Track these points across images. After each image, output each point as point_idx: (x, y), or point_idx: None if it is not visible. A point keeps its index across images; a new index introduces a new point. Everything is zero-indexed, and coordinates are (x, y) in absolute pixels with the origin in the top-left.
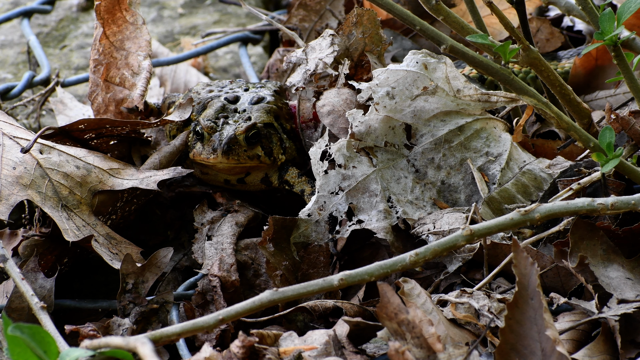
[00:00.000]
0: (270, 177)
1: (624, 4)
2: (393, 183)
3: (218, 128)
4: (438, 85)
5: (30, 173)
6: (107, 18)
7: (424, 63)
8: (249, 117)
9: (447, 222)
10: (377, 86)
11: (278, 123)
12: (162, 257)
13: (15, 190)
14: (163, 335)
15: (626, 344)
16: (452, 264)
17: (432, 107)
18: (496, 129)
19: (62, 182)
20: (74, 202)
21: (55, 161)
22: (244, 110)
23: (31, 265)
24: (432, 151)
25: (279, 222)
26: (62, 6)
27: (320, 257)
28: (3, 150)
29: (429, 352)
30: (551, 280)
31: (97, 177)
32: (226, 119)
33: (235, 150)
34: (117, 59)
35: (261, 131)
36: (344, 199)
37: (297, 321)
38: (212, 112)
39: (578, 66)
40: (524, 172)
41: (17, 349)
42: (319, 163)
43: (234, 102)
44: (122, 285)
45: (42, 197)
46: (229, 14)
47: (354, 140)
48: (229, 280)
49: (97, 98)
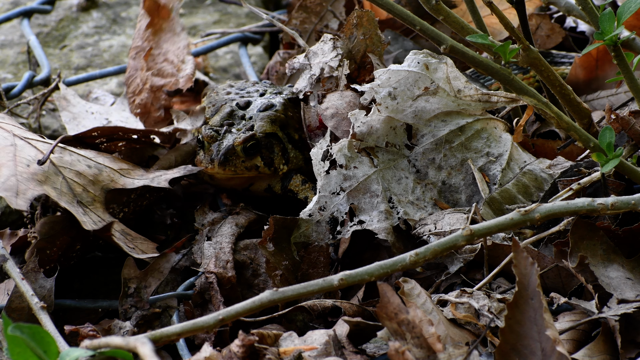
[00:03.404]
0: (274, 187)
1: (624, 4)
2: (394, 183)
3: (219, 137)
4: (439, 85)
5: (44, 170)
6: (153, 12)
7: (425, 63)
8: (251, 126)
9: (448, 222)
10: (379, 87)
11: (284, 132)
12: (164, 262)
13: (31, 186)
14: (163, 335)
15: (626, 344)
16: (453, 265)
17: (433, 107)
18: (497, 129)
19: (75, 180)
20: (88, 199)
21: (68, 160)
22: (251, 118)
23: (31, 265)
24: (433, 151)
25: (280, 222)
26: (62, 6)
27: (321, 257)
28: (16, 149)
29: (429, 352)
30: (552, 281)
31: (109, 176)
32: (230, 127)
33: (233, 161)
34: (160, 49)
35: (261, 141)
36: (345, 200)
37: (297, 321)
38: (218, 118)
39: (578, 65)
40: (525, 172)
41: (17, 349)
42: (320, 163)
43: (244, 107)
44: (123, 290)
45: (57, 193)
46: (229, 14)
47: (355, 140)
48: (225, 277)
49: (134, 81)
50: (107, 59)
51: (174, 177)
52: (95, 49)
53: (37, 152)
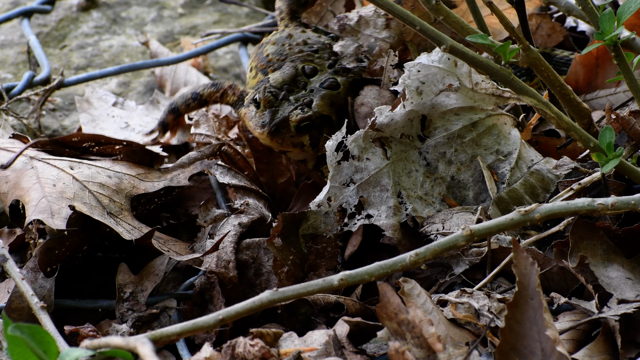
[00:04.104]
0: (308, 163)
1: (624, 4)
2: (404, 177)
3: (276, 103)
4: (462, 82)
5: (70, 187)
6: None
7: (455, 60)
8: (310, 100)
9: (456, 223)
10: (409, 79)
11: (338, 116)
12: (158, 264)
13: (63, 204)
14: (163, 335)
15: (626, 344)
16: (458, 266)
17: (451, 102)
18: (506, 125)
19: (100, 192)
20: (116, 209)
21: (88, 173)
22: (312, 91)
23: (31, 265)
24: (444, 145)
25: (288, 218)
26: (62, 6)
27: (328, 247)
28: (37, 172)
29: (429, 352)
30: (555, 282)
31: (130, 183)
32: (289, 94)
33: (282, 134)
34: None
35: (315, 122)
36: (355, 192)
37: (299, 314)
38: (280, 78)
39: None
40: (532, 172)
41: (17, 349)
42: (334, 154)
43: (309, 75)
44: (119, 295)
45: (88, 207)
46: (229, 14)
47: (372, 130)
48: (227, 277)
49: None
50: (107, 59)
51: (192, 173)
52: (95, 49)
53: (58, 170)
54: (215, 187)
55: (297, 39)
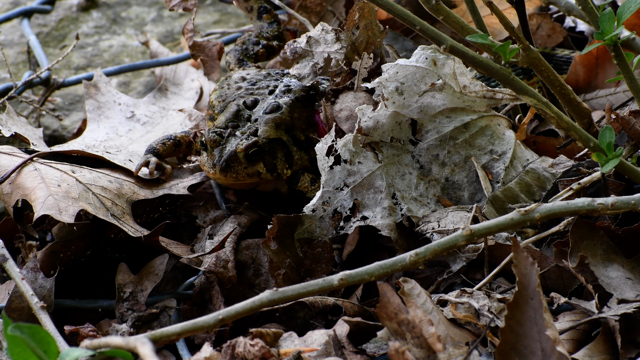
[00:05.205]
0: (280, 189)
1: (624, 4)
2: (398, 179)
3: (222, 141)
4: (446, 81)
5: (74, 188)
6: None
7: (433, 59)
8: (255, 130)
9: (451, 221)
10: (387, 81)
11: (290, 135)
12: (158, 264)
13: (69, 203)
14: (163, 335)
15: (626, 344)
16: (455, 264)
17: (438, 103)
18: (500, 126)
19: (103, 195)
20: (119, 212)
21: (90, 177)
22: (256, 120)
23: (31, 265)
24: (437, 147)
25: (284, 220)
26: (62, 6)
27: (324, 252)
28: (40, 173)
29: (429, 352)
30: (553, 282)
31: (130, 188)
32: (234, 130)
33: (234, 168)
34: None
35: (264, 147)
36: (349, 195)
37: (298, 317)
38: (224, 118)
39: (578, 63)
40: (528, 171)
41: (17, 349)
42: (325, 158)
43: (251, 107)
44: (118, 295)
45: (93, 208)
46: (229, 14)
47: (361, 135)
48: (225, 276)
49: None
50: (107, 59)
51: (192, 183)
52: (95, 49)
53: (61, 173)
54: (214, 187)
55: (235, 77)
